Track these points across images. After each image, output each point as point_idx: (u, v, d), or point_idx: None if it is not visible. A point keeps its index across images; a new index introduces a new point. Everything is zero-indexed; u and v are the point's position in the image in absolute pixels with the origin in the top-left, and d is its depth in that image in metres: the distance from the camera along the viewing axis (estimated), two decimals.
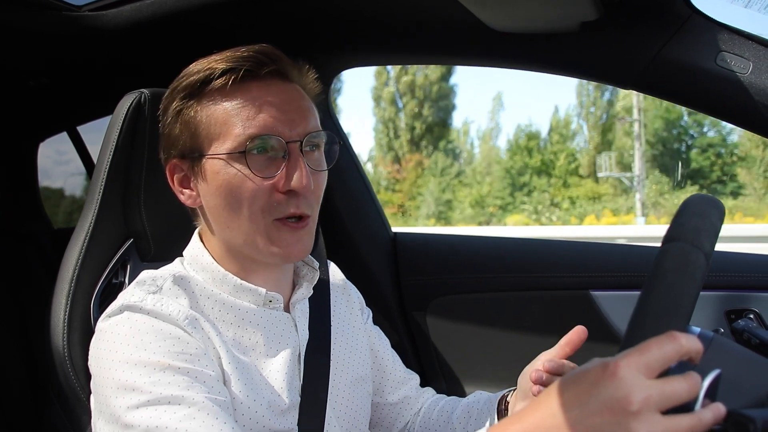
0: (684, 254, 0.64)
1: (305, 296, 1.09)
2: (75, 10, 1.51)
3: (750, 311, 1.52)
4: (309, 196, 0.97)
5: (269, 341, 1.00)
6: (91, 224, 1.16)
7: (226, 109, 0.93)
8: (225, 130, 0.93)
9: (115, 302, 0.94)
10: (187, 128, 0.96)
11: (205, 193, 0.97)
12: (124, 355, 0.86)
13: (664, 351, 0.58)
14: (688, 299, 0.62)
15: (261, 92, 0.95)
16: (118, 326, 0.89)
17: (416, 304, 1.90)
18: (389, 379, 1.26)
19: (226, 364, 0.92)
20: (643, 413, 0.55)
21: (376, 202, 1.98)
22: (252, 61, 0.94)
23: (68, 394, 1.08)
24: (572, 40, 1.34)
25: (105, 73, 1.88)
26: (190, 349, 0.88)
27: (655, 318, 0.61)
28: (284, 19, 1.51)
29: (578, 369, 0.62)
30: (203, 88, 0.95)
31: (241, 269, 1.01)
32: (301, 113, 0.96)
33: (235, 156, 0.93)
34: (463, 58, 1.63)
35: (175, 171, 1.01)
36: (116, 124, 1.17)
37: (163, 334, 0.87)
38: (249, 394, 0.93)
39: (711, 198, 0.72)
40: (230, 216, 0.95)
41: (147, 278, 0.97)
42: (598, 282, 1.69)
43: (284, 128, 0.94)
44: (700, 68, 1.23)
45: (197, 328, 0.91)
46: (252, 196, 0.93)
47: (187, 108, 0.96)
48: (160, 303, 0.91)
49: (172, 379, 0.84)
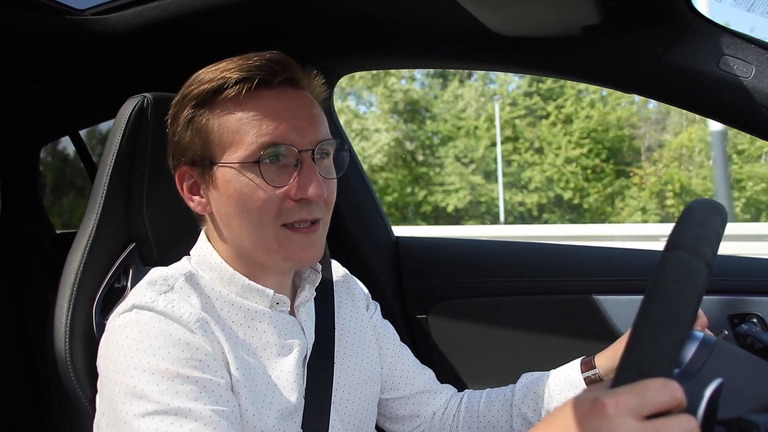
0: (685, 263, 0.63)
1: (308, 299, 1.09)
2: (78, 14, 1.52)
3: (753, 315, 1.51)
4: (320, 204, 0.97)
5: (279, 343, 1.00)
6: (93, 228, 1.16)
7: (239, 118, 0.93)
8: (237, 138, 0.93)
9: (127, 300, 0.94)
10: (199, 136, 0.96)
11: (216, 200, 0.97)
12: (134, 360, 0.85)
13: (657, 398, 0.57)
14: (689, 310, 0.62)
15: (274, 101, 0.95)
16: (129, 328, 0.89)
17: (419, 309, 1.89)
18: (400, 373, 1.25)
19: (234, 369, 0.92)
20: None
21: (378, 206, 1.98)
22: (265, 71, 0.94)
23: (70, 399, 1.08)
24: (575, 44, 1.34)
25: (108, 76, 1.88)
26: (199, 355, 0.88)
27: (656, 329, 0.60)
28: (286, 23, 1.51)
29: (570, 400, 0.62)
30: (216, 97, 0.94)
31: (249, 271, 1.01)
32: (312, 121, 0.97)
33: (248, 165, 0.93)
34: (465, 62, 1.63)
35: (184, 178, 1.01)
36: (119, 127, 1.17)
37: (173, 339, 0.87)
38: (255, 401, 0.93)
39: (713, 203, 0.71)
40: (241, 223, 0.95)
41: (158, 277, 0.97)
42: (601, 286, 1.68)
43: (297, 137, 0.94)
44: (702, 72, 1.22)
45: (207, 331, 0.91)
46: (263, 205, 0.93)
47: (198, 116, 0.95)
48: (171, 304, 0.91)
49: (180, 388, 0.84)
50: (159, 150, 1.19)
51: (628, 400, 0.57)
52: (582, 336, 1.68)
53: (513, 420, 1.21)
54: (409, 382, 1.25)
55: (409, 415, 1.24)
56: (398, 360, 1.26)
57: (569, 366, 1.19)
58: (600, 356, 1.16)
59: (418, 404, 1.25)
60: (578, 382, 1.16)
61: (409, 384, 1.25)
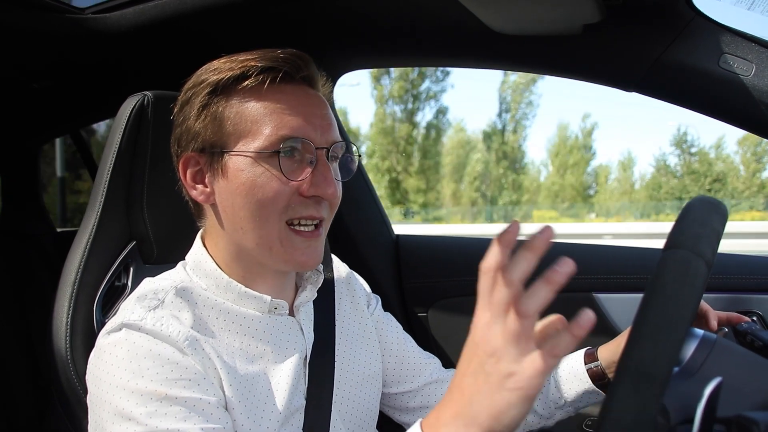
0: (684, 262, 0.63)
1: (309, 299, 1.08)
2: (78, 13, 1.52)
3: (753, 313, 1.52)
4: (327, 204, 0.97)
5: (277, 348, 1.00)
6: (93, 227, 1.17)
7: (259, 108, 0.93)
8: (255, 128, 0.92)
9: (116, 317, 0.92)
10: (213, 123, 0.94)
11: (223, 190, 0.96)
12: (122, 381, 0.84)
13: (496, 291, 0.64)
14: (689, 308, 0.62)
15: (294, 96, 0.94)
16: (117, 347, 0.87)
17: (418, 306, 1.90)
18: (407, 365, 1.25)
19: (227, 386, 0.91)
20: (500, 352, 0.62)
21: (378, 204, 1.99)
22: (290, 64, 0.94)
23: (70, 397, 1.08)
24: (575, 43, 1.34)
25: (108, 75, 1.88)
26: (189, 375, 0.86)
27: (656, 328, 0.61)
28: (286, 22, 1.51)
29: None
30: (236, 85, 0.93)
31: (247, 273, 1.00)
32: (328, 122, 0.97)
33: (265, 155, 0.92)
34: (465, 60, 1.63)
35: (189, 165, 0.98)
36: (119, 126, 1.17)
37: (161, 359, 0.86)
38: (252, 414, 0.92)
39: (713, 201, 0.71)
40: (246, 216, 0.94)
41: (148, 291, 0.95)
42: (601, 284, 1.69)
43: (314, 134, 0.94)
44: (703, 70, 1.23)
45: (197, 349, 0.89)
46: (275, 197, 0.92)
47: (214, 103, 0.94)
48: (160, 323, 0.89)
49: (168, 410, 0.83)
50: (159, 148, 1.19)
51: (484, 315, 0.65)
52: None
53: None
54: (417, 374, 1.25)
55: (418, 406, 1.25)
56: (404, 352, 1.26)
57: (572, 357, 1.20)
58: (603, 349, 1.17)
59: (428, 395, 1.25)
60: (582, 374, 1.17)
61: (417, 376, 1.25)
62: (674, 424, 0.69)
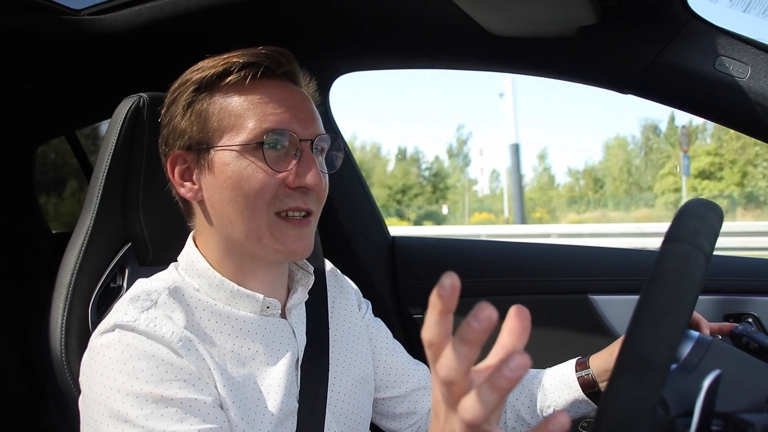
0: (684, 254, 0.65)
1: (301, 301, 1.08)
2: (74, 14, 1.52)
3: (749, 315, 1.52)
4: (314, 196, 0.98)
5: (268, 350, 0.99)
6: (89, 228, 1.16)
7: (242, 103, 0.94)
8: (239, 122, 0.94)
9: (109, 318, 0.92)
10: (198, 120, 0.96)
11: (210, 185, 0.96)
12: (116, 383, 0.84)
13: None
14: (689, 299, 0.63)
15: (276, 90, 0.96)
16: (110, 348, 0.87)
17: (414, 308, 1.89)
18: (395, 371, 1.25)
19: (221, 386, 0.91)
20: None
21: (374, 206, 1.98)
22: (271, 59, 0.96)
23: (65, 398, 1.08)
24: (570, 45, 1.34)
25: (103, 77, 1.88)
26: (183, 375, 0.86)
27: (657, 317, 0.61)
28: (282, 24, 1.51)
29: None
30: (219, 81, 0.95)
31: (238, 270, 1.00)
32: (311, 116, 0.99)
33: (250, 148, 0.93)
34: (461, 62, 1.63)
35: (176, 163, 1.00)
36: (115, 127, 1.17)
37: (155, 360, 0.85)
38: (245, 415, 0.92)
39: (709, 202, 0.73)
40: (234, 209, 0.94)
41: (141, 293, 0.95)
42: (597, 286, 1.69)
43: (298, 127, 0.95)
44: (698, 73, 1.23)
45: (191, 350, 0.89)
46: (261, 189, 0.93)
47: (199, 100, 0.96)
48: (153, 323, 0.89)
49: (164, 411, 0.83)
50: (155, 150, 1.18)
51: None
52: (577, 335, 1.69)
53: (506, 416, 1.22)
54: (405, 380, 1.25)
55: (405, 412, 1.25)
56: (392, 358, 1.26)
57: (564, 365, 1.20)
58: (594, 357, 1.16)
59: (414, 401, 1.25)
60: (572, 382, 1.16)
61: (404, 382, 1.25)
62: (673, 417, 0.69)
